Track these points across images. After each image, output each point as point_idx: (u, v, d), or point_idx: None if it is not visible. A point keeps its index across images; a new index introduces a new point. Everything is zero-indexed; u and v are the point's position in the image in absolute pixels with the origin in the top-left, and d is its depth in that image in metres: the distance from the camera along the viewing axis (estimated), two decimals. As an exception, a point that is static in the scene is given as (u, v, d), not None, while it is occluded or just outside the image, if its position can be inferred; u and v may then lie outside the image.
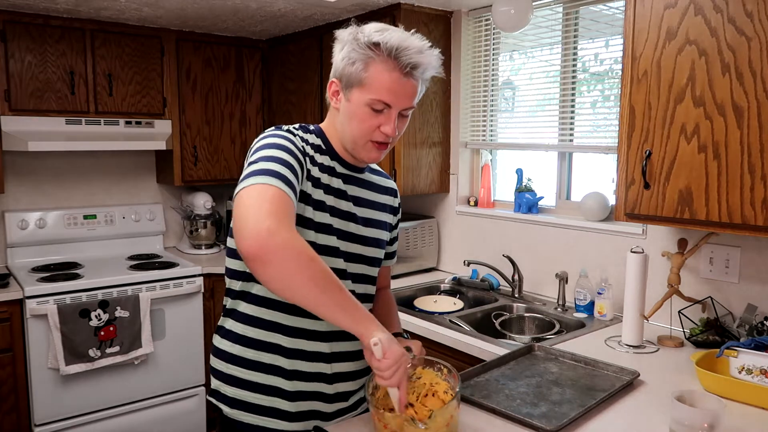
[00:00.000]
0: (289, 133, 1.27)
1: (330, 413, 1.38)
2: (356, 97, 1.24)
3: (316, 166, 1.29)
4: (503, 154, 2.94)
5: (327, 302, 1.09)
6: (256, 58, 3.63)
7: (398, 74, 1.22)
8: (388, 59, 1.21)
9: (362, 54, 1.21)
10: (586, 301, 2.25)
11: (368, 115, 1.24)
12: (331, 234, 1.31)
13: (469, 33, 2.86)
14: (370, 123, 1.25)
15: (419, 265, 2.96)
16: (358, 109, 1.25)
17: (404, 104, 1.25)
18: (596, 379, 1.59)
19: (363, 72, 1.22)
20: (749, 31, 1.51)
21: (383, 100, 1.23)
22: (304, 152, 1.27)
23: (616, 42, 2.33)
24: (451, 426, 1.16)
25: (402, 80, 1.22)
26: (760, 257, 1.89)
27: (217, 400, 1.37)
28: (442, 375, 1.27)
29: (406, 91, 1.24)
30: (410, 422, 1.12)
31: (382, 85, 1.22)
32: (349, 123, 1.27)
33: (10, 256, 3.11)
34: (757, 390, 1.44)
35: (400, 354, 1.13)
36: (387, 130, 1.25)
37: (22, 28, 2.84)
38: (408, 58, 1.20)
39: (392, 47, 1.20)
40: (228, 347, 1.35)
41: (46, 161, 3.25)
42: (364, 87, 1.23)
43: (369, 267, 1.42)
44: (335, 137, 1.34)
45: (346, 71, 1.24)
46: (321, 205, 1.29)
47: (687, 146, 1.65)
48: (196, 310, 3.08)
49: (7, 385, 2.61)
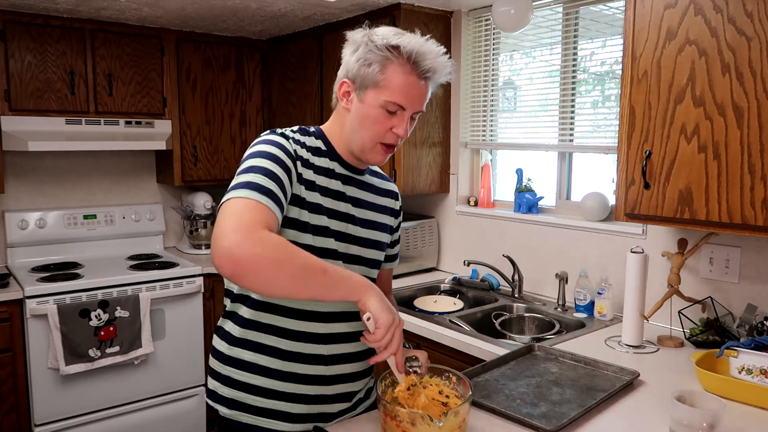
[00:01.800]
0: (281, 137, 1.27)
1: (332, 413, 1.38)
2: (371, 98, 1.25)
3: (310, 169, 1.28)
4: (503, 154, 2.94)
5: (315, 289, 1.11)
6: (256, 58, 3.63)
7: (415, 78, 1.24)
8: (406, 63, 1.23)
9: (380, 56, 1.23)
10: (586, 301, 2.25)
11: (382, 116, 1.26)
12: (329, 236, 1.30)
13: (469, 33, 2.87)
14: (383, 125, 1.27)
15: (419, 265, 2.96)
16: (372, 110, 1.26)
17: (417, 107, 1.28)
18: (596, 379, 1.59)
19: (380, 74, 1.23)
20: (749, 31, 1.51)
21: (398, 102, 1.24)
22: (296, 156, 1.26)
23: (616, 42, 2.33)
24: (462, 429, 1.16)
25: (418, 84, 1.25)
26: (760, 257, 1.89)
27: (215, 401, 1.37)
28: (450, 383, 1.27)
29: (420, 94, 1.27)
30: (424, 419, 1.10)
31: (398, 88, 1.23)
32: (360, 124, 1.28)
33: (10, 256, 3.11)
34: (757, 390, 1.44)
35: (391, 320, 1.14)
36: (399, 131, 1.27)
37: (22, 28, 2.84)
38: (427, 62, 1.23)
39: (411, 51, 1.22)
40: (225, 349, 1.35)
41: (46, 161, 3.25)
42: (380, 88, 1.24)
43: (368, 269, 1.41)
44: (338, 138, 1.34)
45: (361, 72, 1.25)
46: (317, 207, 1.28)
47: (687, 146, 1.65)
48: (196, 310, 3.08)
49: (7, 385, 2.62)
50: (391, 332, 1.14)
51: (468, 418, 1.19)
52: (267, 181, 1.16)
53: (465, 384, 1.23)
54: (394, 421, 1.14)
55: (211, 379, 1.39)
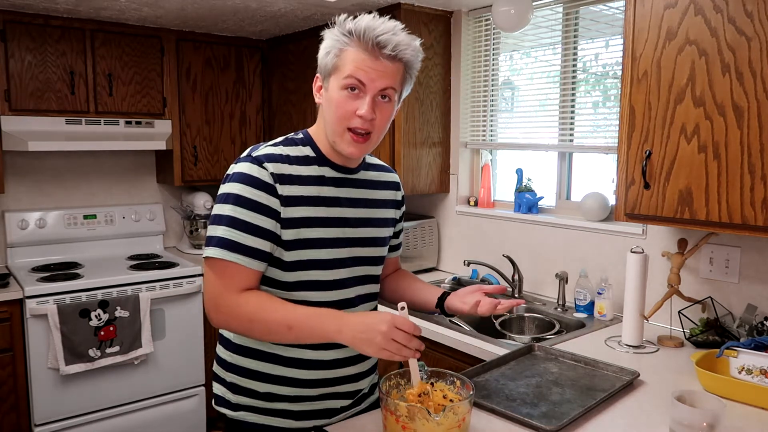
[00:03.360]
0: (255, 166, 1.24)
1: (336, 409, 1.39)
2: (333, 83, 1.26)
3: (296, 184, 1.27)
4: (503, 154, 2.94)
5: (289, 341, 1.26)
6: (256, 58, 3.63)
7: (369, 54, 1.22)
8: (358, 41, 1.22)
9: (336, 41, 1.24)
10: (586, 301, 2.25)
11: (344, 98, 1.24)
12: (325, 247, 1.30)
13: (469, 33, 2.87)
14: (347, 108, 1.24)
15: (419, 265, 2.96)
16: (335, 94, 1.25)
17: (378, 85, 1.23)
18: (596, 379, 1.59)
19: (337, 58, 1.24)
20: (749, 31, 1.51)
21: (354, 76, 1.22)
22: (275, 179, 1.24)
23: (616, 42, 2.33)
24: (462, 428, 1.16)
25: (373, 60, 1.22)
26: (760, 257, 1.89)
27: (220, 405, 1.39)
28: (455, 388, 1.26)
29: (378, 70, 1.23)
30: (422, 413, 1.10)
31: (353, 64, 1.23)
32: (328, 112, 1.28)
33: (10, 256, 3.11)
34: (757, 390, 1.44)
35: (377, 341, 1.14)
36: (362, 112, 1.23)
37: (22, 28, 2.84)
38: (377, 36, 1.21)
39: (360, 28, 1.22)
40: (228, 357, 1.37)
41: (46, 161, 3.25)
42: (338, 71, 1.24)
43: (371, 267, 1.41)
44: (323, 137, 1.33)
45: (324, 62, 1.27)
46: (309, 221, 1.28)
47: (687, 146, 1.65)
48: (196, 310, 3.08)
49: (7, 385, 2.62)
50: (387, 341, 1.13)
51: (469, 418, 1.19)
52: (239, 235, 1.21)
53: (468, 388, 1.23)
54: (394, 416, 1.14)
55: (217, 384, 1.41)
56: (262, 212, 1.23)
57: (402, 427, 1.13)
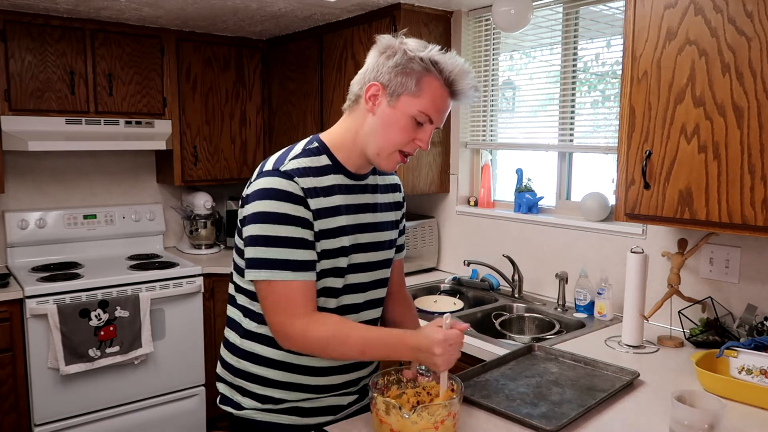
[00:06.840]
0: (287, 181, 1.24)
1: (342, 405, 1.41)
2: (404, 105, 1.25)
3: (320, 196, 1.27)
4: (503, 154, 2.94)
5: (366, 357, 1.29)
6: (256, 58, 3.63)
7: (448, 95, 1.27)
8: (445, 79, 1.25)
9: (421, 66, 1.24)
10: (586, 301, 2.25)
11: (410, 125, 1.27)
12: (344, 255, 1.31)
13: (469, 33, 2.86)
14: (409, 134, 1.27)
15: (419, 265, 2.96)
16: (403, 117, 1.26)
17: (440, 123, 1.30)
18: (596, 379, 1.59)
19: (418, 84, 1.24)
20: (749, 31, 1.51)
21: (430, 115, 1.26)
22: (306, 193, 1.25)
23: (616, 42, 2.33)
24: (440, 430, 1.16)
25: (447, 99, 1.28)
26: (760, 257, 1.89)
27: (226, 404, 1.40)
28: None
29: (447, 108, 1.30)
30: (395, 408, 1.13)
31: (433, 101, 1.25)
32: (385, 129, 1.27)
33: (10, 255, 3.11)
34: (757, 390, 1.44)
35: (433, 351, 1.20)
36: (422, 143, 1.29)
37: (22, 28, 2.84)
38: (462, 84, 1.26)
39: (452, 70, 1.24)
40: (235, 362, 1.37)
41: (46, 161, 3.25)
42: (415, 98, 1.24)
43: (383, 270, 1.43)
44: (351, 143, 1.32)
45: (398, 79, 1.24)
46: (332, 232, 1.29)
47: (687, 146, 1.65)
48: (196, 310, 3.08)
49: (7, 385, 2.61)
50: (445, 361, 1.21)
51: (451, 422, 1.18)
52: (291, 252, 1.22)
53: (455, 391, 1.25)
54: (374, 409, 1.18)
55: (223, 385, 1.41)
56: (303, 225, 1.23)
57: (380, 420, 1.17)
